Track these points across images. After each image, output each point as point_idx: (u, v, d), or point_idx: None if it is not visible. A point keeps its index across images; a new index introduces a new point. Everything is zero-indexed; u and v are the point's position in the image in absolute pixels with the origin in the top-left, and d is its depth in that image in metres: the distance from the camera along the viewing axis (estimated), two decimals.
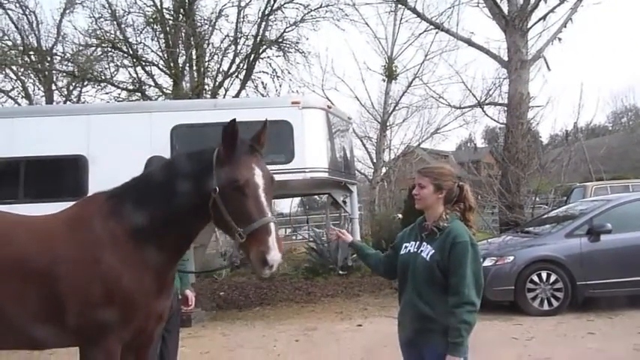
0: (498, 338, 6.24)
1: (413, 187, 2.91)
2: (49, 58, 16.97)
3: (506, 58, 13.02)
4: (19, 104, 16.26)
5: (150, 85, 16.40)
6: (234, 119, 2.63)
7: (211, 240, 12.68)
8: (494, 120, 15.61)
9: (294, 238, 21.96)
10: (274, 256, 2.43)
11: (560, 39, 12.92)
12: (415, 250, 2.77)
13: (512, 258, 7.63)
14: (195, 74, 15.69)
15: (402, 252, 2.85)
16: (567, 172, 13.46)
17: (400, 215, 14.91)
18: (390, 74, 18.38)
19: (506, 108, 13.34)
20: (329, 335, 6.73)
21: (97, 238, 2.67)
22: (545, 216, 10.11)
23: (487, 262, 7.76)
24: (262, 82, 16.21)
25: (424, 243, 2.74)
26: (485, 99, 14.84)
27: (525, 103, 12.68)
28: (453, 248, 2.61)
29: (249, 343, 6.53)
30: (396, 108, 19.28)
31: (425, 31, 16.23)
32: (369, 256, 3.16)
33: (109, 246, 2.65)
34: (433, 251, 2.67)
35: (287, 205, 20.51)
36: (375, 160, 19.51)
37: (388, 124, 19.44)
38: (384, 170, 19.60)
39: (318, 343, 6.31)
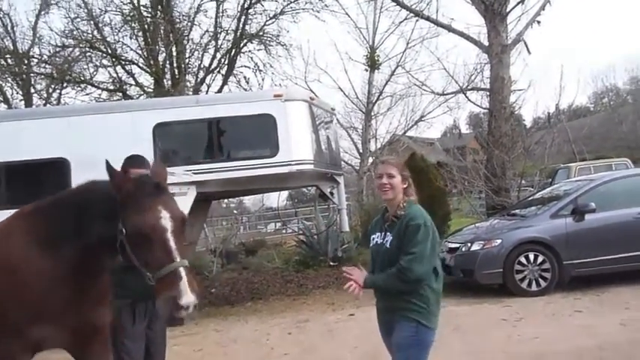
0: (488, 320, 6.32)
1: (379, 176, 2.97)
2: (26, 61, 16.68)
3: (486, 43, 13.08)
4: None
5: (131, 85, 16.23)
6: (107, 161, 2.56)
7: (201, 237, 12.64)
8: (478, 105, 15.70)
9: (283, 231, 21.97)
10: (187, 299, 2.38)
11: (539, 22, 13.01)
12: (381, 240, 2.92)
13: (499, 241, 7.71)
14: (176, 71, 15.54)
15: (370, 244, 3.02)
16: (551, 154, 13.59)
17: None
18: (373, 64, 18.38)
19: (488, 93, 13.42)
20: (322, 326, 6.76)
21: (12, 251, 2.71)
22: (531, 198, 10.21)
23: (475, 246, 7.85)
24: (245, 77, 16.13)
25: (387, 233, 2.89)
26: (468, 85, 14.93)
27: (507, 87, 12.77)
28: (407, 229, 2.78)
29: (243, 338, 6.53)
30: (380, 97, 19.32)
31: (405, 19, 16.29)
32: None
33: (23, 259, 2.68)
34: (391, 238, 2.85)
35: (275, 199, 20.48)
36: (361, 151, 19.54)
37: (373, 113, 19.46)
38: (370, 160, 19.63)
39: (311, 334, 6.33)
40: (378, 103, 19.47)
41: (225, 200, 23.49)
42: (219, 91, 15.63)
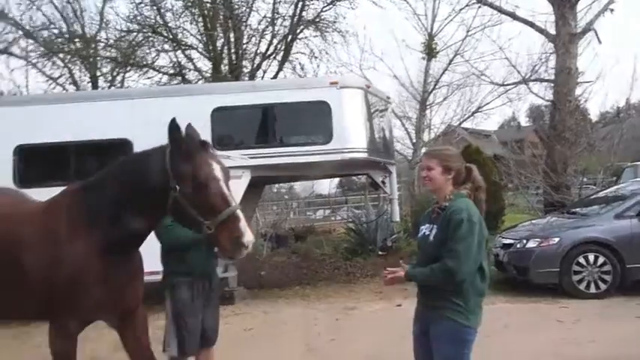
0: (543, 321, 6.12)
1: (420, 169, 2.93)
2: (93, 45, 17.44)
3: (553, 32, 12.46)
4: (67, 90, 16.84)
5: (189, 69, 16.65)
6: (174, 118, 2.78)
7: (252, 221, 12.92)
8: (540, 97, 15.05)
9: (332, 219, 22.05)
10: (248, 237, 2.64)
11: (612, 10, 12.26)
12: (427, 232, 2.86)
13: (557, 239, 7.42)
14: (234, 57, 15.80)
15: (418, 235, 2.97)
16: (618, 151, 12.88)
17: None
18: (430, 52, 17.91)
19: (552, 84, 12.83)
20: (369, 314, 6.78)
21: (60, 226, 2.89)
22: (594, 197, 9.74)
23: (531, 244, 7.59)
24: (300, 63, 16.16)
25: (433, 225, 2.83)
26: (531, 75, 14.31)
27: (573, 78, 12.15)
28: (449, 223, 2.69)
29: (291, 321, 6.66)
30: (436, 86, 18.80)
31: (466, 5, 15.70)
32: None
33: (68, 234, 2.86)
34: (436, 231, 2.77)
35: (325, 186, 20.56)
36: (414, 140, 19.21)
37: (428, 103, 19.01)
38: (423, 150, 19.27)
39: (358, 322, 6.36)
40: (434, 92, 18.99)
41: (276, 185, 23.84)
42: (275, 77, 15.78)
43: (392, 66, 19.85)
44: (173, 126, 2.78)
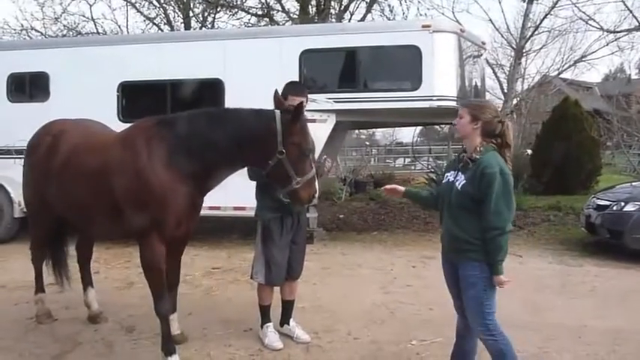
0: (635, 288, 5.78)
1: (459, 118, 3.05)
2: None
3: None
4: (162, 30, 17.53)
5: (277, 10, 16.64)
6: (276, 90, 3.54)
7: (333, 165, 13.11)
8: None
9: (412, 167, 21.77)
10: (316, 194, 3.50)
11: None
12: (453, 179, 3.01)
13: None
14: None
15: (443, 181, 3.15)
16: None
17: (530, 151, 13.97)
18: None
19: None
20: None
21: (140, 154, 3.39)
22: None
23: (630, 207, 7.09)
24: (389, 5, 15.64)
25: (459, 173, 2.98)
26: None
27: None
28: (482, 178, 2.82)
29: (367, 264, 6.82)
30: (536, 32, 17.41)
31: None
32: (424, 198, 3.45)
33: (149, 160, 3.36)
34: (465, 182, 2.91)
35: (407, 134, 20.20)
36: (506, 91, 18.14)
37: (524, 50, 17.71)
38: (515, 102, 18.17)
39: (434, 271, 6.34)
40: (532, 39, 17.62)
41: (356, 131, 23.73)
42: (363, 19, 15.36)
43: (487, 9, 18.51)
44: (279, 96, 3.40)
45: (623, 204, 7.21)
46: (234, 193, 4.85)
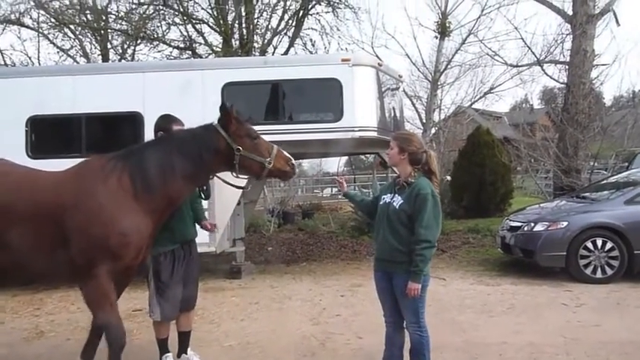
0: (547, 303, 6.15)
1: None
2: (104, 17, 17.34)
3: (570, 12, 12.22)
4: (78, 62, 16.81)
5: (200, 44, 16.55)
6: (224, 103, 3.62)
7: (260, 197, 12.98)
8: (554, 79, 14.89)
9: (339, 197, 22.10)
10: (293, 160, 3.71)
11: None
12: (390, 200, 3.50)
13: (565, 223, 7.40)
14: (245, 31, 15.66)
15: (380, 202, 3.60)
16: (632, 136, 12.73)
17: (449, 177, 14.67)
18: (444, 30, 17.65)
19: (567, 66, 12.63)
20: (374, 292, 6.80)
21: (101, 189, 3.32)
22: (604, 182, 9.67)
23: (539, 227, 7.58)
24: (311, 40, 16.03)
25: (396, 195, 3.49)
26: (546, 56, 14.11)
27: (589, 61, 11.96)
28: (417, 197, 3.34)
29: (297, 296, 6.74)
30: (449, 66, 18.61)
31: None
32: (360, 202, 3.93)
33: (111, 195, 3.30)
34: (402, 201, 3.42)
35: (332, 164, 20.55)
36: (424, 121, 19.08)
37: (439, 83, 18.83)
38: (433, 131, 19.15)
39: (363, 299, 6.43)
40: (446, 72, 18.79)
41: None
42: (286, 53, 15.65)
43: (404, 44, 19.57)
44: (225, 108, 3.56)
45: (533, 224, 7.71)
46: None
